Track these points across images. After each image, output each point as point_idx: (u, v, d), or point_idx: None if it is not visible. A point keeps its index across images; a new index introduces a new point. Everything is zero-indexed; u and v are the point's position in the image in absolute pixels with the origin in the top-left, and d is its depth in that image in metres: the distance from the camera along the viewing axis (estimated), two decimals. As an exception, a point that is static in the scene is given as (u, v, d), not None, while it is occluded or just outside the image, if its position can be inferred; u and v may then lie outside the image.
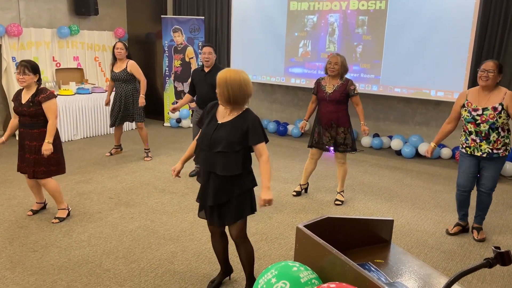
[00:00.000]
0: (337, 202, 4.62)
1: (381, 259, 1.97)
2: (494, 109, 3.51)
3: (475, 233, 3.89)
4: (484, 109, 3.55)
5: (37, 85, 3.78)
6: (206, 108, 2.77)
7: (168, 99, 8.31)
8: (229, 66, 7.91)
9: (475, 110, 3.59)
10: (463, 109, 3.68)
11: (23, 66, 3.68)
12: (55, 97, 3.79)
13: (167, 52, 8.10)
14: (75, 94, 7.12)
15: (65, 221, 3.99)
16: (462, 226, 4.01)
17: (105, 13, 8.32)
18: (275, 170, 5.71)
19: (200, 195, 2.76)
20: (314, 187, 5.11)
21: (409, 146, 6.52)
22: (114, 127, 6.05)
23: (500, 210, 4.58)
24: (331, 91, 4.36)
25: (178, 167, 2.82)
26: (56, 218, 3.97)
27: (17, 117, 3.87)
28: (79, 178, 5.19)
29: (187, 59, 8.10)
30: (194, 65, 8.09)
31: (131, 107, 5.81)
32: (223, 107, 2.65)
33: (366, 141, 7.09)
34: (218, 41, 8.25)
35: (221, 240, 2.92)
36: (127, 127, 7.74)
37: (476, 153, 3.67)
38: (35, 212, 4.13)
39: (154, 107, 8.82)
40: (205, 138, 2.64)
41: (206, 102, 4.90)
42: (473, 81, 6.02)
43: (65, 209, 4.03)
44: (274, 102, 8.21)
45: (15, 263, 3.26)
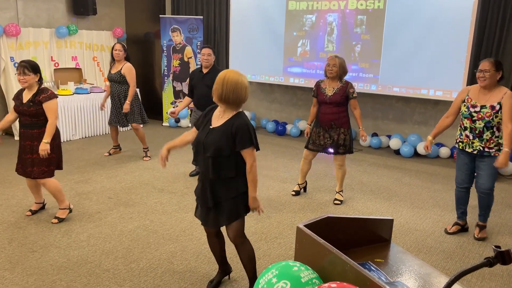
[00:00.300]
0: (336, 202, 4.62)
1: (381, 258, 1.97)
2: (492, 107, 3.53)
3: (476, 230, 3.89)
4: (482, 107, 3.56)
5: (38, 85, 3.77)
6: (204, 112, 2.77)
7: (166, 99, 8.30)
8: (227, 66, 7.90)
9: (474, 106, 3.61)
10: (463, 104, 3.70)
11: (22, 67, 3.67)
12: (56, 97, 3.77)
13: (165, 51, 8.09)
14: (73, 94, 7.11)
15: (64, 221, 3.98)
16: (461, 226, 4.01)
17: (103, 13, 8.31)
18: (274, 170, 5.71)
19: (196, 196, 2.78)
20: (313, 186, 5.12)
21: (408, 145, 6.53)
22: (110, 126, 6.05)
23: (499, 209, 4.58)
24: (331, 94, 4.36)
25: (163, 153, 2.79)
26: (55, 218, 3.96)
27: (14, 114, 3.85)
28: (78, 178, 5.18)
29: (185, 59, 8.10)
30: (192, 64, 8.09)
31: (120, 109, 5.80)
32: (218, 111, 2.66)
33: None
34: (217, 40, 8.24)
35: (217, 240, 2.92)
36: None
37: (467, 149, 3.70)
38: (34, 212, 4.12)
39: (153, 106, 8.81)
40: (199, 142, 2.66)
41: (203, 103, 4.95)
42: (471, 80, 6.03)
43: (65, 208, 4.01)
44: (273, 101, 8.21)
45: (14, 264, 3.25)
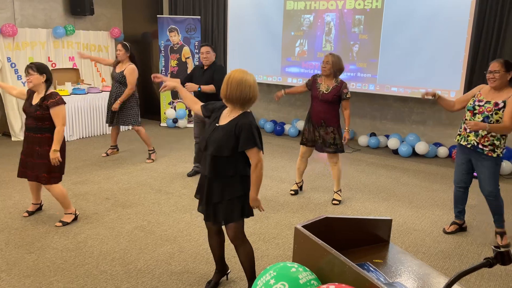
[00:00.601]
0: (334, 202, 4.61)
1: (379, 259, 1.96)
2: (496, 104, 3.49)
3: (498, 238, 3.81)
4: (486, 102, 3.54)
5: (46, 87, 3.69)
6: (217, 105, 2.76)
7: (164, 99, 8.28)
8: (225, 66, 7.89)
9: (480, 100, 3.59)
10: (472, 98, 3.68)
11: (28, 67, 3.63)
12: (64, 103, 3.68)
13: (163, 52, 8.07)
14: (70, 94, 7.08)
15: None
16: (459, 225, 4.00)
17: (100, 13, 8.28)
18: (272, 170, 5.69)
19: (197, 192, 2.80)
20: (311, 186, 5.11)
21: (406, 145, 6.53)
22: (111, 127, 6.00)
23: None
24: (325, 91, 4.36)
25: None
26: (60, 221, 3.91)
27: (16, 91, 3.86)
28: (75, 179, 5.16)
29: (183, 59, 8.08)
30: (190, 64, 8.07)
31: (124, 110, 5.74)
32: (227, 110, 2.67)
33: (363, 140, 7.10)
34: (215, 40, 8.22)
35: (217, 237, 2.91)
36: (124, 127, 7.70)
37: (462, 142, 3.71)
38: (30, 213, 4.09)
39: (150, 107, 8.80)
40: (203, 139, 2.67)
41: (200, 97, 4.95)
42: (469, 80, 6.05)
43: (71, 213, 3.97)
44: (271, 101, 8.19)
45: (11, 265, 3.23)
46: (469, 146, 3.65)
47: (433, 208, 4.59)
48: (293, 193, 4.83)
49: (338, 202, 4.61)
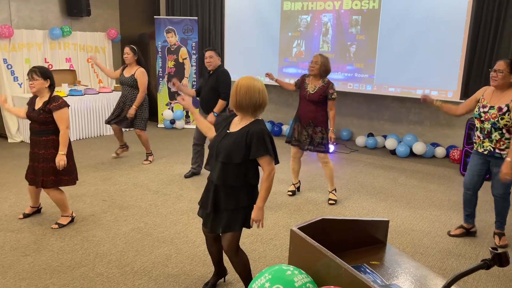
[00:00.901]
0: (330, 202, 4.60)
1: (376, 260, 1.95)
2: (499, 109, 3.43)
3: (496, 238, 3.79)
4: (490, 108, 3.49)
5: (49, 92, 3.69)
6: (224, 118, 2.75)
7: (161, 100, 8.26)
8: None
9: (484, 107, 3.54)
10: (477, 104, 3.63)
11: (32, 71, 3.61)
12: (67, 106, 3.68)
13: (160, 53, 8.05)
14: (67, 95, 7.05)
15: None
16: (466, 229, 3.91)
17: (97, 14, 8.26)
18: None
19: (202, 198, 2.75)
20: (308, 187, 5.10)
21: (404, 145, 6.52)
22: (110, 125, 5.92)
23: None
24: (312, 91, 4.39)
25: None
26: (56, 223, 3.89)
27: (22, 110, 3.84)
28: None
29: (180, 60, 8.06)
30: (187, 65, 8.06)
31: (136, 113, 5.66)
32: (238, 118, 2.64)
33: (361, 140, 7.09)
34: (212, 41, 8.21)
35: (215, 243, 2.89)
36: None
37: (479, 150, 3.62)
38: (26, 216, 4.07)
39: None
40: (213, 146, 2.62)
41: (205, 103, 5.02)
42: (466, 80, 6.05)
43: (68, 216, 3.95)
44: (268, 102, 8.16)
45: (6, 268, 3.21)
46: (486, 152, 3.57)
47: (431, 208, 4.58)
48: (290, 193, 4.82)
49: (334, 202, 4.60)
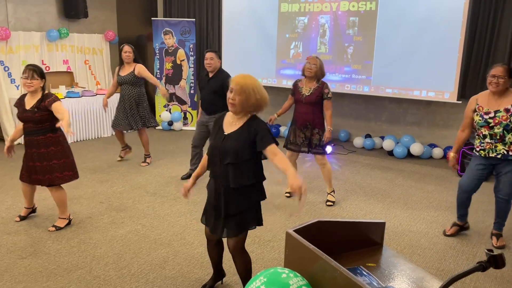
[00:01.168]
0: (328, 203, 4.60)
1: (373, 262, 1.94)
2: (507, 110, 3.43)
3: (494, 239, 3.78)
4: (496, 112, 3.47)
5: (42, 91, 3.70)
6: (215, 121, 2.72)
7: (159, 102, 8.26)
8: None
9: (487, 113, 3.51)
10: (475, 113, 3.59)
11: (31, 71, 3.61)
12: (59, 100, 3.71)
13: (158, 54, 8.05)
14: (65, 97, 7.04)
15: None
16: (460, 226, 3.95)
17: (94, 16, 8.25)
18: (267, 172, 5.65)
19: (208, 206, 2.69)
20: (306, 188, 5.08)
21: (401, 146, 6.53)
22: (114, 129, 5.89)
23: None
24: (307, 93, 4.40)
25: (189, 184, 2.73)
26: (53, 226, 3.88)
27: (17, 127, 3.80)
28: (69, 183, 5.10)
29: (178, 62, 8.06)
30: (185, 67, 8.05)
31: (135, 112, 5.66)
32: (229, 116, 2.62)
33: (358, 141, 7.09)
34: (209, 43, 8.21)
35: (217, 247, 2.88)
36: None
37: (491, 154, 3.56)
38: (23, 218, 4.06)
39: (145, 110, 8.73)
40: (214, 150, 2.58)
41: (208, 106, 5.00)
42: (463, 81, 6.06)
43: (65, 218, 3.94)
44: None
45: (2, 271, 3.19)
46: (500, 156, 3.54)
47: (428, 209, 4.58)
48: (288, 195, 4.82)
49: (332, 203, 4.60)
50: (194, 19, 8.04)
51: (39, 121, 3.63)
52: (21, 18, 7.18)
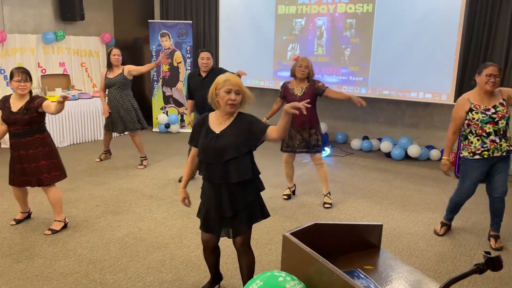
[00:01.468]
0: (326, 206, 4.59)
1: (370, 265, 1.93)
2: (502, 104, 3.51)
3: (492, 241, 3.76)
4: (494, 107, 3.50)
5: (29, 93, 3.72)
6: (196, 125, 2.68)
7: (156, 104, 8.24)
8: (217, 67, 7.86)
9: (488, 109, 3.51)
10: (473, 112, 3.53)
11: (24, 74, 3.63)
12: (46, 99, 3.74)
13: (155, 57, 8.03)
14: (61, 100, 7.01)
15: (51, 230, 3.91)
16: (448, 226, 4.05)
17: (91, 18, 8.23)
18: (264, 175, 5.63)
19: (209, 208, 2.63)
20: (304, 190, 5.08)
21: (399, 148, 6.53)
22: (105, 131, 5.95)
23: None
24: (300, 94, 4.41)
25: (183, 195, 2.76)
26: (49, 229, 3.86)
27: (4, 125, 3.76)
28: (65, 186, 5.08)
29: (175, 64, 8.05)
30: (182, 69, 8.04)
31: (123, 114, 5.68)
32: (216, 118, 2.61)
33: (356, 143, 7.09)
34: (207, 45, 8.20)
35: (215, 253, 2.87)
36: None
37: (496, 154, 3.53)
38: (18, 222, 4.03)
39: (143, 112, 8.69)
40: (208, 151, 2.53)
41: (204, 106, 4.93)
42: (460, 83, 6.06)
43: (61, 221, 3.92)
44: (263, 106, 8.15)
45: (-2, 275, 3.17)
46: (505, 154, 3.55)
47: (426, 211, 4.58)
48: (286, 197, 4.81)
49: (329, 205, 4.59)
50: (191, 21, 8.04)
51: (28, 122, 3.62)
52: (17, 20, 7.16)
